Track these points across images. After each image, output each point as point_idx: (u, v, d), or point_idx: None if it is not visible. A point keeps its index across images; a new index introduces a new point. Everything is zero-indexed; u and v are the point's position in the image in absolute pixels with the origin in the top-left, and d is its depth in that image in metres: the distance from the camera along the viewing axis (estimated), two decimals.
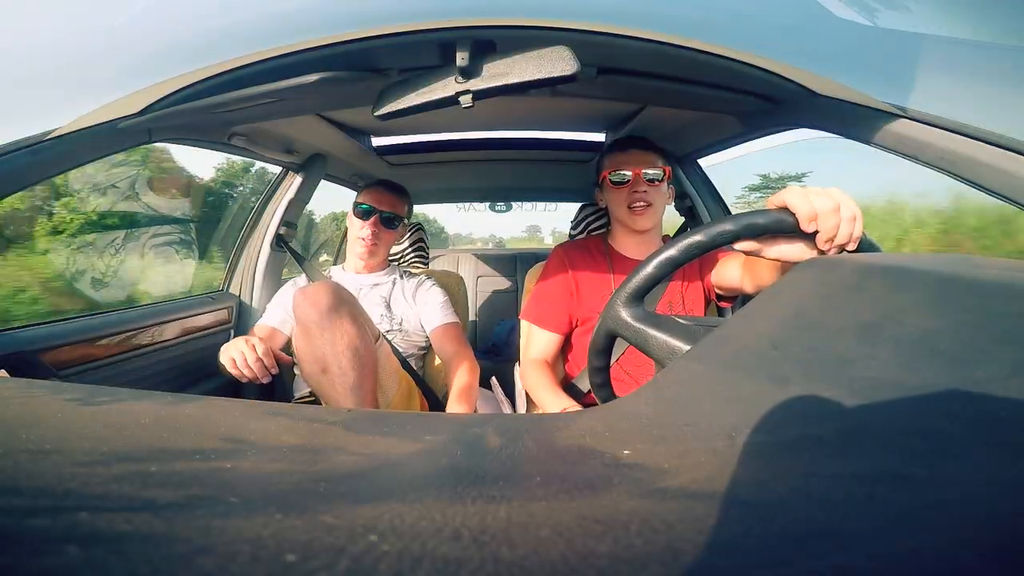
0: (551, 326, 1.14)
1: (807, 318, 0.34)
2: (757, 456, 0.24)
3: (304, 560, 0.15)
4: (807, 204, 0.52)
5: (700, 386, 0.33)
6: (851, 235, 0.53)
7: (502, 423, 0.33)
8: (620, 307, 0.56)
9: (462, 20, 0.73)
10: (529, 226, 9.42)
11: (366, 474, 0.24)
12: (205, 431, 0.30)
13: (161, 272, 2.17)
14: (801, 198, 0.52)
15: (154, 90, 0.82)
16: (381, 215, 1.33)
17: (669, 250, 0.54)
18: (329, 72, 0.79)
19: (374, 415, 0.38)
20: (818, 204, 0.52)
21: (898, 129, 0.72)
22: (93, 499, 0.20)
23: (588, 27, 0.74)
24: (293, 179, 1.65)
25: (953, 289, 0.30)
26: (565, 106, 1.42)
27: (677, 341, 0.50)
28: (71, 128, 0.79)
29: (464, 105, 0.73)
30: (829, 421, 0.25)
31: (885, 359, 0.27)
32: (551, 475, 0.24)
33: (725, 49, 0.77)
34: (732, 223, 0.52)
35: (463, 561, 0.16)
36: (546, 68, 0.68)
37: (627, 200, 1.09)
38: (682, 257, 0.53)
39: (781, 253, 0.57)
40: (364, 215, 1.33)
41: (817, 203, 0.52)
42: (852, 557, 0.15)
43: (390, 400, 1.11)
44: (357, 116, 1.43)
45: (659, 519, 0.19)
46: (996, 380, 0.23)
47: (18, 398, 0.35)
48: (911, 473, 0.19)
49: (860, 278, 0.36)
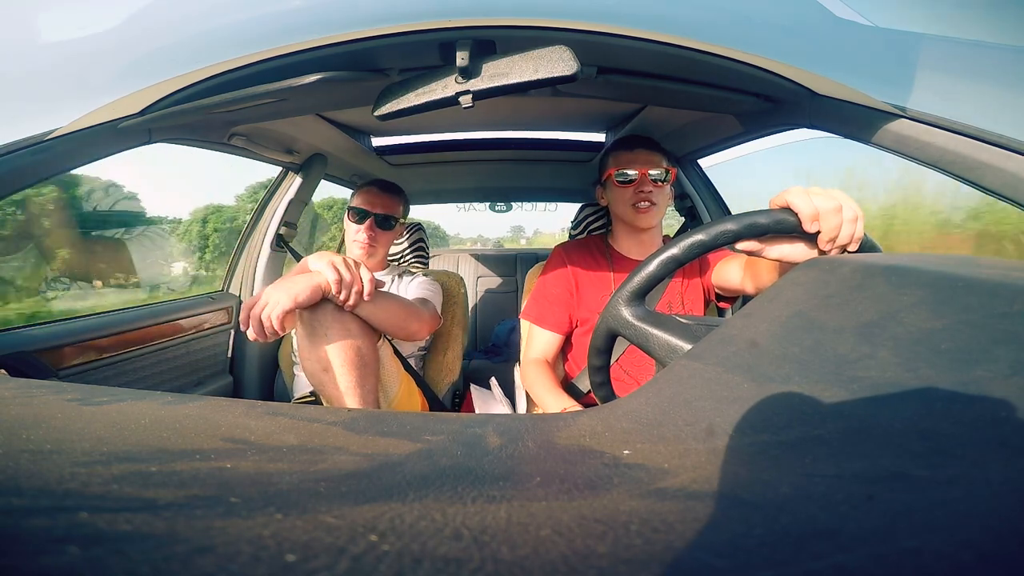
0: (551, 326, 1.14)
1: (807, 318, 0.34)
2: (758, 456, 0.24)
3: (304, 560, 0.15)
4: (809, 204, 0.52)
5: (700, 386, 0.33)
6: (852, 235, 0.53)
7: (502, 423, 0.33)
8: (621, 306, 0.56)
9: (462, 20, 0.73)
10: (513, 227, 9.54)
11: (366, 474, 0.24)
12: (205, 431, 0.30)
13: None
14: (803, 198, 0.53)
15: (154, 90, 0.82)
16: (376, 217, 1.32)
17: (671, 249, 0.54)
18: (329, 72, 0.79)
19: (374, 415, 0.38)
20: (820, 204, 0.52)
21: (898, 129, 0.72)
22: (93, 499, 0.20)
23: (588, 27, 0.74)
24: (293, 179, 1.65)
25: (953, 289, 0.30)
26: (565, 106, 1.42)
27: (678, 340, 0.50)
28: (72, 128, 0.79)
29: (464, 105, 0.73)
30: (830, 421, 0.25)
31: (885, 359, 0.27)
32: (551, 475, 0.24)
33: (725, 49, 0.77)
34: (734, 223, 0.52)
35: (463, 561, 0.16)
36: (546, 68, 0.68)
37: (632, 199, 1.09)
38: (684, 256, 0.53)
39: (782, 253, 0.57)
40: (359, 218, 1.32)
41: (819, 203, 0.52)
42: (853, 557, 0.15)
43: (391, 400, 1.11)
44: (357, 116, 1.43)
45: (659, 519, 0.19)
46: (996, 380, 0.23)
47: (18, 398, 0.35)
48: (912, 473, 0.19)
49: (861, 278, 0.36)
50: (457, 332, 1.49)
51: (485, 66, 0.72)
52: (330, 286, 0.84)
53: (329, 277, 0.83)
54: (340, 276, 0.84)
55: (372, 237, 1.32)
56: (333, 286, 0.84)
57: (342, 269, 0.85)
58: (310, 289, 0.82)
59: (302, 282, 0.83)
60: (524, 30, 0.74)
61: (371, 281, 0.88)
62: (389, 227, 1.35)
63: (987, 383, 0.23)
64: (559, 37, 0.74)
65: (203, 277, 14.48)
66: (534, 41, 0.70)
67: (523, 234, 8.96)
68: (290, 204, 1.66)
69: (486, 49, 0.74)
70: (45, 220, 3.42)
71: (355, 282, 0.86)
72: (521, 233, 8.97)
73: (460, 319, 1.50)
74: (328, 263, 0.85)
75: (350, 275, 0.86)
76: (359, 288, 0.87)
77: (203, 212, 17.41)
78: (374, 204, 1.33)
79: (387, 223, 1.34)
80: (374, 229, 1.32)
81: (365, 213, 1.32)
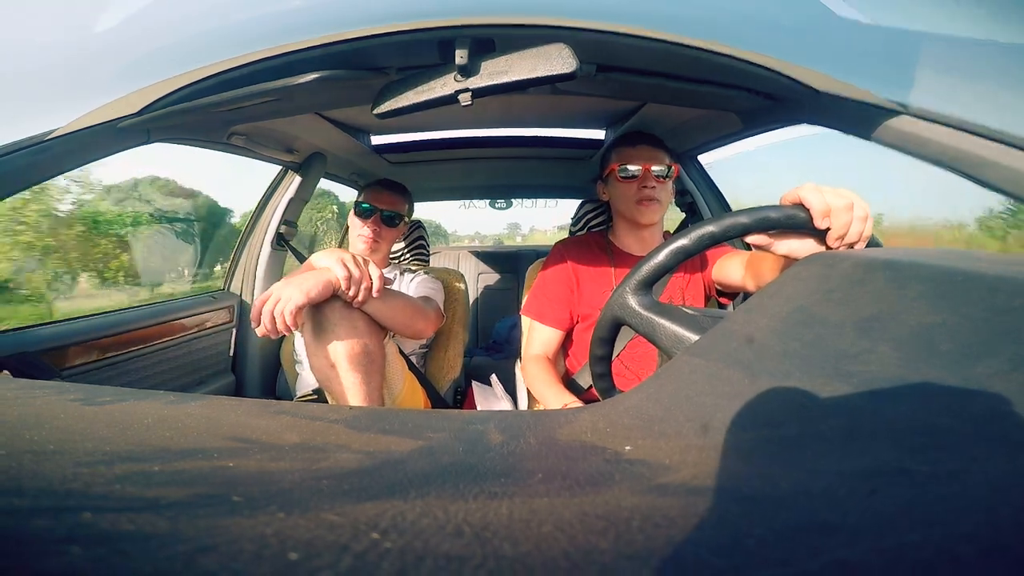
0: (552, 322, 1.14)
1: (808, 313, 0.34)
2: (758, 452, 0.24)
3: (307, 558, 0.15)
4: (821, 200, 0.53)
5: (701, 382, 0.33)
6: (861, 234, 0.54)
7: (504, 419, 0.34)
8: (629, 294, 0.56)
9: (461, 19, 0.73)
10: (509, 224, 9.55)
11: (368, 472, 0.24)
12: (208, 430, 0.30)
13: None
14: (816, 194, 0.53)
15: (153, 90, 0.82)
16: (382, 214, 1.34)
17: (682, 239, 0.54)
18: (328, 71, 0.79)
19: (376, 412, 0.38)
20: (832, 201, 0.53)
21: (899, 126, 0.72)
22: (96, 499, 0.20)
23: (587, 25, 0.74)
24: (293, 178, 1.65)
25: (954, 284, 0.30)
26: (564, 104, 1.42)
27: (685, 331, 0.50)
28: (71, 128, 0.79)
29: (463, 103, 0.73)
30: (830, 417, 0.25)
31: (886, 354, 0.27)
32: (553, 471, 0.24)
33: (725, 47, 0.77)
34: (746, 216, 0.53)
35: (465, 558, 0.16)
36: (545, 66, 0.68)
37: (636, 195, 1.09)
38: (695, 247, 0.54)
39: (791, 249, 0.58)
40: (365, 214, 1.34)
41: (831, 200, 0.53)
42: (854, 552, 0.15)
43: (396, 397, 1.12)
44: (356, 115, 1.43)
45: (661, 515, 0.19)
46: (997, 375, 0.23)
47: (21, 398, 0.35)
48: (912, 468, 0.19)
49: (861, 273, 0.35)
50: (458, 329, 1.49)
51: (484, 64, 0.72)
52: (340, 282, 0.84)
53: (339, 274, 0.83)
54: (349, 273, 0.84)
55: (376, 232, 1.33)
56: (343, 283, 0.83)
57: (351, 266, 0.85)
58: (321, 285, 0.82)
59: (313, 278, 0.82)
60: (523, 28, 0.74)
61: (380, 278, 0.88)
62: (394, 224, 1.37)
63: (987, 378, 0.23)
64: (558, 35, 0.74)
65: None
66: (533, 39, 0.70)
67: (519, 231, 8.99)
68: (290, 203, 1.66)
69: (485, 47, 0.73)
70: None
71: (364, 278, 0.86)
72: (517, 230, 8.99)
73: (461, 316, 1.50)
74: (337, 260, 0.85)
75: (359, 271, 0.85)
76: (368, 284, 0.87)
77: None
78: (381, 200, 1.35)
79: (392, 220, 1.36)
80: (379, 225, 1.34)
81: (371, 209, 1.34)
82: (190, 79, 0.81)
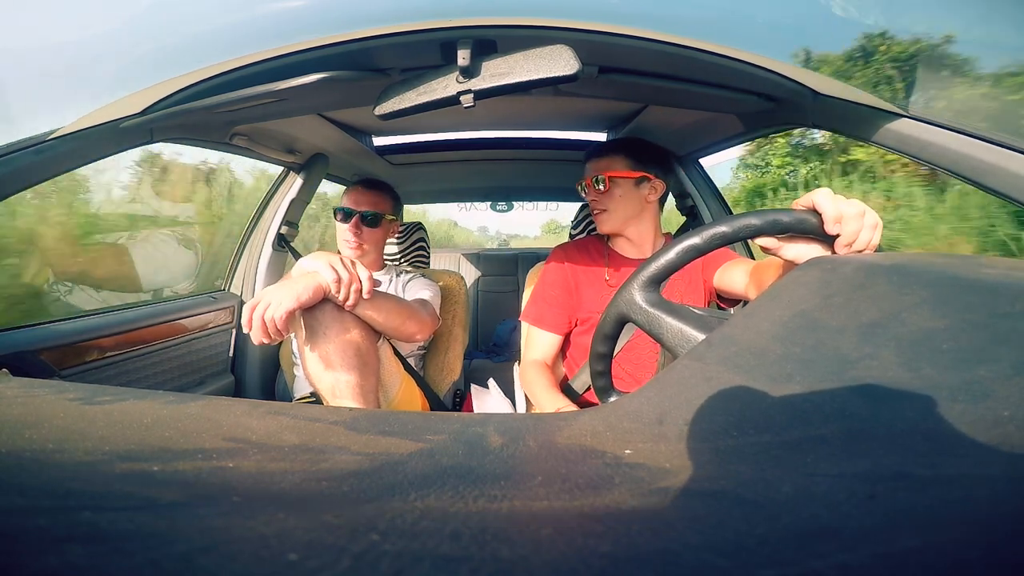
0: (550, 327, 1.14)
1: (809, 317, 0.34)
2: (759, 456, 0.24)
3: (306, 559, 0.15)
4: (834, 206, 0.53)
5: (701, 385, 0.33)
6: (870, 242, 0.54)
7: (503, 423, 0.33)
8: (635, 291, 0.56)
9: (463, 20, 0.73)
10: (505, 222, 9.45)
11: (367, 473, 0.24)
12: (207, 431, 0.30)
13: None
14: (829, 199, 0.54)
15: (156, 90, 0.82)
16: (362, 216, 1.30)
17: (692, 238, 0.54)
18: (330, 72, 0.79)
19: (375, 414, 0.38)
20: (844, 208, 0.53)
21: (899, 128, 0.72)
22: (95, 498, 0.20)
23: (589, 27, 0.74)
24: (294, 179, 1.65)
25: (955, 289, 0.30)
26: (566, 106, 1.42)
27: (692, 329, 0.50)
28: (73, 128, 0.79)
29: (465, 105, 0.72)
30: (832, 421, 0.25)
31: (887, 359, 0.27)
32: (552, 475, 0.24)
33: (726, 48, 0.77)
34: (757, 217, 0.53)
35: (464, 560, 0.16)
36: (547, 68, 0.68)
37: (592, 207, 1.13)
38: (705, 246, 0.54)
39: (798, 253, 0.58)
40: (344, 218, 1.31)
41: (844, 207, 0.53)
42: (855, 556, 0.15)
43: (392, 400, 1.11)
44: (358, 116, 1.43)
45: (661, 519, 0.18)
46: (998, 380, 0.23)
47: (20, 398, 0.35)
48: (913, 472, 0.19)
49: (863, 277, 0.36)
50: (458, 332, 1.49)
51: (486, 66, 0.72)
52: (329, 286, 0.84)
53: (327, 277, 0.83)
54: (338, 276, 0.84)
55: (358, 235, 1.30)
56: (332, 286, 0.84)
57: (339, 268, 0.85)
58: (311, 289, 0.82)
59: (303, 282, 0.83)
60: (525, 29, 0.74)
61: (369, 279, 0.88)
62: (375, 224, 1.33)
63: (989, 383, 0.23)
64: (560, 37, 0.74)
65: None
66: (535, 41, 0.70)
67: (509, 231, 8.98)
68: (291, 204, 1.66)
69: (487, 49, 0.73)
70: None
71: (353, 280, 0.86)
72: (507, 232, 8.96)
73: (461, 318, 1.50)
74: (326, 263, 0.85)
75: (348, 274, 0.86)
76: (358, 287, 0.87)
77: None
78: (359, 202, 1.32)
79: (373, 221, 1.32)
80: (359, 227, 1.31)
81: (350, 212, 1.31)
82: (193, 79, 0.81)
